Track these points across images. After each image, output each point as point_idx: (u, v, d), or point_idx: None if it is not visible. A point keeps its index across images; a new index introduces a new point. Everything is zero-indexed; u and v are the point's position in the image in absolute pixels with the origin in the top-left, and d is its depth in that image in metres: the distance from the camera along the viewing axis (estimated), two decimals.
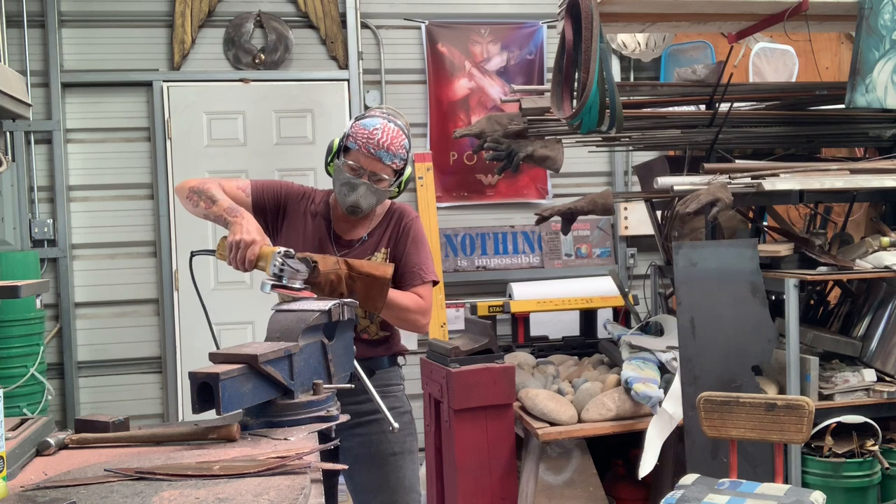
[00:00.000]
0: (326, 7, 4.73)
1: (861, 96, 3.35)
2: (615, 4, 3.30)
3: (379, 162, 2.17)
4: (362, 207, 2.20)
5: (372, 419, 2.23)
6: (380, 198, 2.24)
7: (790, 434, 2.57)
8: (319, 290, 2.05)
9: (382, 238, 2.31)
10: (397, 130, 2.19)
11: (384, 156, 2.17)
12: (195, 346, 4.52)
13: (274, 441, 1.67)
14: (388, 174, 2.19)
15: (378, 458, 2.24)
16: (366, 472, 2.24)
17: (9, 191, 4.29)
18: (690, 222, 3.65)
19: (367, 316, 2.27)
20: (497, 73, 4.97)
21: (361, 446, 2.24)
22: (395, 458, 2.26)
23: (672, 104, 3.84)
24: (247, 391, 1.68)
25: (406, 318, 2.22)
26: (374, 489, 2.25)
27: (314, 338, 1.89)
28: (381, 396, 2.19)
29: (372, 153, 2.16)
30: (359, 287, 2.08)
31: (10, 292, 2.05)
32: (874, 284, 3.45)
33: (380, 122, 2.18)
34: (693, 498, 2.47)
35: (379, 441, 2.25)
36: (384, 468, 2.25)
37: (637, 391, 3.16)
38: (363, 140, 2.16)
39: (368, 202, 2.21)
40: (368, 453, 2.25)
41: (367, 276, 2.09)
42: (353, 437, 2.22)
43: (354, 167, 2.17)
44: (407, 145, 2.23)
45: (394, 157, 2.18)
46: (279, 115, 4.70)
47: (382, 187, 2.21)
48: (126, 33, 4.60)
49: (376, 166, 2.17)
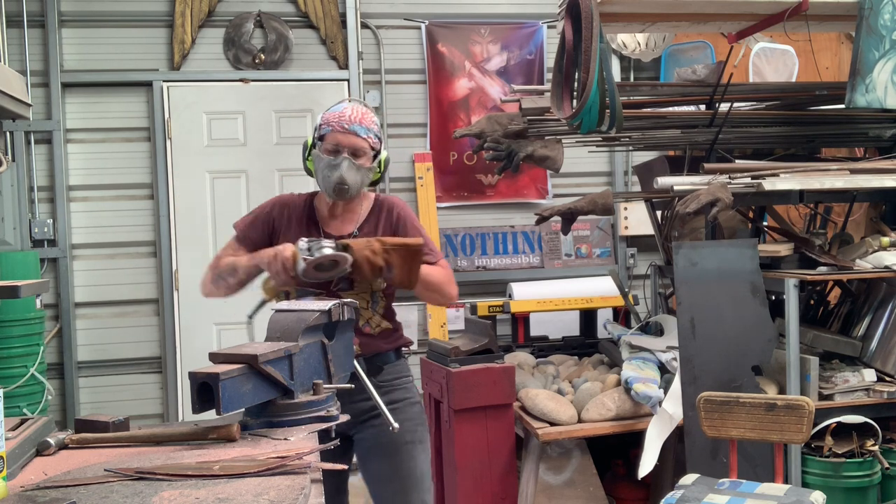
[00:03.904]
0: (326, 7, 4.73)
1: (861, 96, 3.35)
2: (615, 4, 3.30)
3: (355, 136, 2.20)
4: (348, 183, 2.20)
5: (377, 412, 2.23)
6: (364, 177, 2.24)
7: (790, 434, 2.57)
8: (360, 272, 2.08)
9: (376, 231, 2.31)
10: (366, 110, 2.25)
11: (359, 129, 2.20)
12: (195, 346, 4.52)
13: (274, 441, 1.67)
14: (366, 149, 2.22)
15: (390, 448, 2.26)
16: (378, 462, 2.27)
17: (9, 191, 4.29)
18: (690, 222, 3.65)
19: (370, 306, 2.28)
20: (497, 73, 4.97)
21: (374, 437, 2.27)
22: (406, 446, 2.28)
23: (672, 104, 3.84)
24: (247, 391, 1.68)
25: (440, 289, 2.26)
26: (387, 478, 2.27)
27: (314, 338, 1.89)
28: (392, 389, 2.27)
29: (346, 128, 2.20)
30: (395, 259, 2.11)
31: (10, 292, 2.05)
32: (874, 284, 3.45)
33: (346, 104, 2.26)
34: (693, 498, 2.47)
35: (388, 432, 2.24)
36: (396, 457, 2.27)
37: (637, 391, 3.16)
38: (335, 120, 2.21)
39: (353, 178, 2.21)
40: (381, 443, 2.27)
41: (401, 246, 2.12)
42: (366, 429, 2.26)
43: (332, 148, 2.21)
44: (376, 124, 2.27)
45: (368, 130, 2.22)
46: (279, 115, 4.70)
47: (363, 163, 2.22)
48: (126, 33, 4.60)
49: (353, 140, 2.20)
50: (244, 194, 4.65)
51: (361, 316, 2.25)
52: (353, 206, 2.33)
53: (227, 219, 4.60)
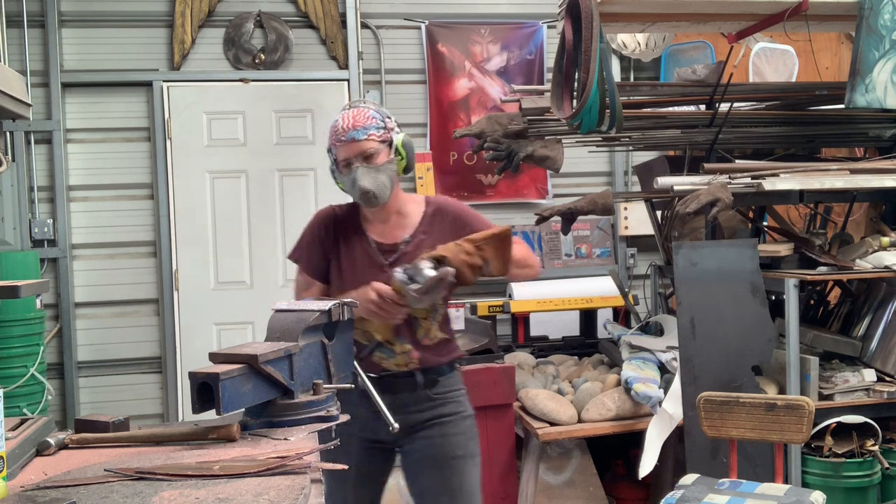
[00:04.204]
0: (326, 7, 4.73)
1: (861, 96, 3.35)
2: (615, 4, 3.30)
3: (355, 142, 2.12)
4: (373, 189, 2.13)
5: (435, 423, 2.21)
6: (386, 175, 2.16)
7: (790, 434, 2.57)
8: (462, 277, 2.03)
9: (431, 234, 2.22)
10: (357, 110, 2.16)
11: (357, 134, 2.12)
12: (195, 346, 4.52)
13: (274, 441, 1.67)
14: (373, 147, 2.13)
15: (441, 461, 2.21)
16: (428, 476, 2.22)
17: (9, 191, 4.29)
18: (690, 222, 3.65)
19: (431, 316, 2.21)
20: (497, 73, 4.97)
21: (425, 449, 2.21)
22: (457, 461, 2.22)
23: (672, 104, 3.84)
24: (247, 391, 1.68)
25: (528, 261, 2.22)
26: (436, 492, 2.22)
27: (314, 338, 1.89)
28: (445, 402, 2.22)
29: (344, 140, 2.13)
30: (489, 253, 2.06)
31: (10, 292, 2.05)
32: (874, 284, 3.45)
33: (338, 115, 2.19)
34: (693, 498, 2.47)
35: (442, 444, 2.21)
36: (446, 471, 2.21)
37: (637, 391, 3.16)
38: (334, 137, 2.17)
39: (374, 182, 2.13)
40: (431, 456, 2.21)
41: (491, 238, 2.07)
42: (416, 441, 2.22)
43: (344, 163, 2.16)
44: (376, 115, 2.16)
45: (365, 130, 2.13)
46: (279, 115, 4.70)
47: (381, 162, 2.14)
48: (126, 33, 4.59)
49: (356, 147, 2.13)
50: (244, 194, 4.65)
51: (421, 327, 2.20)
52: (400, 208, 2.26)
53: (227, 219, 4.63)
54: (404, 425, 2.11)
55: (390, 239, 2.22)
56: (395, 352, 2.15)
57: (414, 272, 1.99)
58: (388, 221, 2.24)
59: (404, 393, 2.17)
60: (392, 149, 2.18)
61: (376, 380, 2.10)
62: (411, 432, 2.20)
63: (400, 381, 2.18)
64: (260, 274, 4.65)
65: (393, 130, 2.18)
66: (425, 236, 2.22)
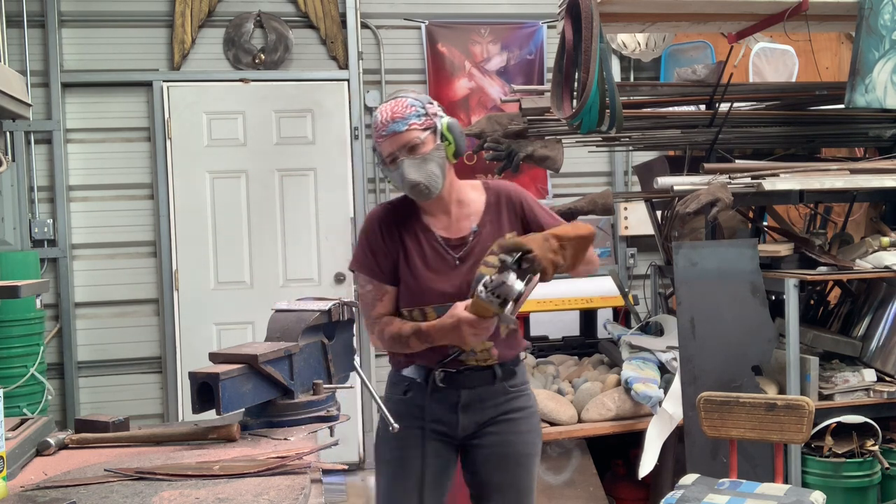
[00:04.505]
0: (326, 7, 4.73)
1: (861, 96, 3.35)
2: (615, 4, 3.30)
3: (396, 135, 2.00)
4: (422, 180, 2.01)
5: (508, 418, 2.13)
6: (435, 164, 2.02)
7: (790, 434, 2.57)
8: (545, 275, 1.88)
9: (496, 223, 2.11)
10: (396, 101, 2.05)
11: (397, 126, 2.00)
12: (195, 346, 4.52)
13: (274, 441, 1.67)
14: (416, 138, 2.00)
15: (511, 459, 2.14)
16: (496, 473, 2.14)
17: (9, 191, 4.29)
18: (690, 222, 3.65)
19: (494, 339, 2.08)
20: (497, 73, 4.97)
21: (496, 446, 2.13)
22: (526, 458, 2.16)
23: (672, 104, 3.84)
24: (247, 391, 1.68)
25: (592, 259, 2.10)
26: (504, 490, 2.15)
27: (314, 338, 1.89)
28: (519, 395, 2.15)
29: (385, 135, 2.02)
30: (570, 252, 1.94)
31: (10, 292, 2.06)
32: (874, 284, 3.45)
33: (377, 110, 2.08)
34: (693, 498, 2.47)
35: (515, 441, 2.14)
36: (517, 469, 2.15)
37: (637, 391, 3.16)
38: (376, 133, 2.06)
39: (424, 173, 2.01)
40: (504, 454, 2.14)
41: (576, 239, 1.95)
42: (486, 436, 2.13)
43: (389, 158, 2.04)
44: (415, 102, 2.04)
45: (405, 121, 2.00)
46: (279, 115, 4.70)
47: (426, 152, 2.01)
48: (126, 33, 4.59)
49: (399, 140, 2.01)
50: (244, 194, 4.65)
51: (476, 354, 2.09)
52: (461, 197, 2.13)
53: (227, 219, 4.63)
54: (477, 420, 2.09)
55: (456, 233, 2.10)
56: (476, 350, 2.07)
57: (501, 289, 1.80)
58: (450, 213, 2.12)
59: (482, 387, 2.10)
60: (438, 135, 2.05)
61: (455, 374, 2.07)
62: (482, 427, 2.12)
63: (478, 375, 2.09)
64: (260, 274, 4.65)
65: (436, 116, 2.07)
66: (491, 226, 2.11)
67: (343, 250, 4.71)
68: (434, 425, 2.09)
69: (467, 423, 2.09)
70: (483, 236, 2.08)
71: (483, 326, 1.89)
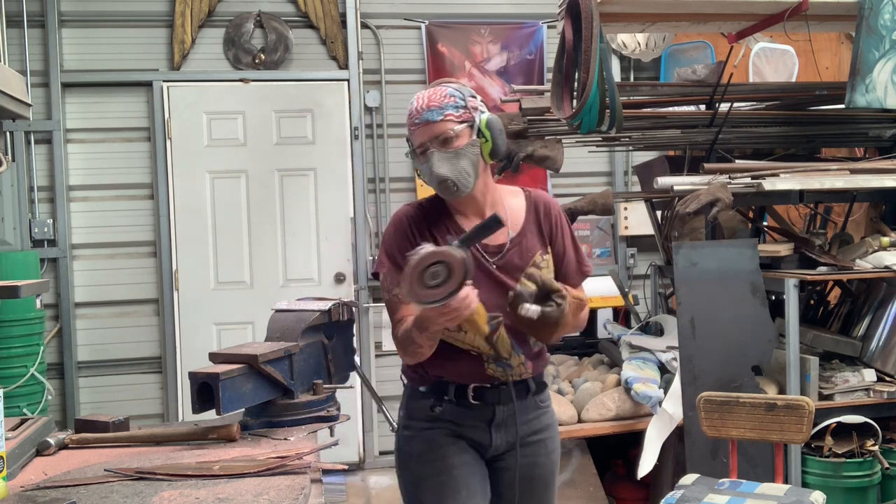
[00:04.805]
0: (326, 7, 4.73)
1: (861, 96, 3.35)
2: (615, 4, 3.30)
3: (430, 124, 1.86)
4: (451, 176, 1.85)
5: (539, 438, 2.02)
6: (468, 160, 1.87)
7: (790, 434, 2.57)
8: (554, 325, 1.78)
9: (536, 233, 1.99)
10: (434, 89, 1.92)
11: (431, 114, 1.86)
12: (195, 346, 4.52)
13: (274, 441, 1.67)
14: (450, 130, 1.85)
15: (539, 483, 2.04)
16: (523, 497, 2.01)
17: (9, 191, 4.29)
18: (690, 222, 3.65)
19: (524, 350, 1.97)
20: (497, 73, 4.97)
21: (522, 468, 2.00)
22: (552, 480, 2.07)
23: (672, 104, 3.85)
24: (247, 391, 1.69)
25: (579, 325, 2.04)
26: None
27: (314, 338, 1.89)
28: (547, 410, 2.05)
29: (418, 123, 1.89)
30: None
31: (10, 292, 2.06)
32: (874, 284, 3.45)
33: (414, 97, 1.96)
34: (693, 498, 2.47)
35: (542, 464, 2.03)
36: (543, 494, 2.05)
37: (637, 391, 3.16)
38: (409, 121, 1.94)
39: (451, 170, 1.85)
40: (529, 476, 2.02)
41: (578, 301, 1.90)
42: (513, 457, 1.97)
43: (420, 149, 1.90)
44: (456, 93, 1.89)
45: (441, 110, 1.86)
46: (279, 115, 4.70)
47: (459, 146, 1.85)
48: (126, 33, 4.59)
49: (432, 130, 1.86)
50: (244, 194, 4.65)
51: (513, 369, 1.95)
52: (497, 200, 1.99)
53: (227, 219, 4.63)
54: (509, 440, 1.96)
55: (492, 239, 1.90)
56: (512, 364, 1.93)
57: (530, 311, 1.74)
58: (484, 215, 1.93)
59: (513, 404, 1.95)
60: (475, 130, 1.89)
61: (489, 390, 1.93)
62: (512, 447, 1.97)
63: (511, 391, 1.95)
64: (260, 274, 4.65)
65: (476, 110, 1.91)
66: (530, 237, 1.98)
67: (343, 250, 4.71)
68: (469, 440, 1.96)
69: (500, 441, 1.97)
70: (522, 246, 1.95)
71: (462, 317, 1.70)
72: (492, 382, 1.93)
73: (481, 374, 1.92)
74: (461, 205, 1.95)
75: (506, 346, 1.88)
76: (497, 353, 1.86)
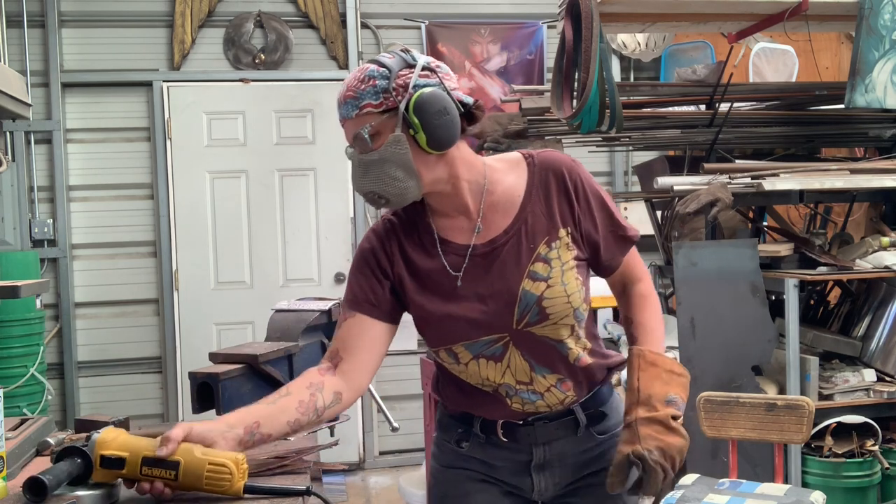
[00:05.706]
0: (326, 7, 4.73)
1: (861, 96, 3.35)
2: (615, 4, 3.30)
3: (346, 123, 1.40)
4: (373, 190, 1.39)
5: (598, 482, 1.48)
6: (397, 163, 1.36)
7: (790, 434, 2.56)
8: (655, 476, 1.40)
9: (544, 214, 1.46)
10: (354, 72, 1.41)
11: (344, 111, 1.39)
12: (195, 346, 4.52)
13: (274, 441, 1.67)
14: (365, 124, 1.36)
15: None
16: None
17: (9, 191, 4.29)
18: (690, 222, 3.65)
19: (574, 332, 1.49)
20: (497, 73, 4.97)
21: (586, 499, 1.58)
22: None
23: (672, 104, 3.85)
24: (247, 391, 1.68)
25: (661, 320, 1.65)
26: None
27: (314, 338, 1.89)
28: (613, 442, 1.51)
29: (340, 121, 1.42)
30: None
31: (10, 292, 2.06)
32: (874, 284, 3.45)
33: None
34: (693, 498, 2.47)
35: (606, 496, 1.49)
36: None
37: None
38: None
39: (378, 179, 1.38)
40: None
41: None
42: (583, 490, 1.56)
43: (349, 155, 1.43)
44: (377, 72, 1.36)
45: (356, 102, 1.36)
46: (279, 115, 4.70)
47: (378, 146, 1.36)
48: (126, 33, 4.59)
49: (347, 129, 1.40)
50: (244, 194, 4.65)
51: (570, 352, 1.48)
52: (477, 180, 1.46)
53: (227, 219, 4.63)
54: (558, 482, 1.55)
55: (483, 236, 1.46)
56: (537, 391, 1.48)
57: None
58: (468, 210, 1.47)
59: (559, 441, 1.52)
60: (399, 119, 1.35)
61: (521, 427, 1.50)
62: (567, 488, 1.56)
63: (553, 426, 1.51)
64: (260, 274, 4.66)
65: (406, 89, 1.35)
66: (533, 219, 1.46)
67: (343, 250, 4.71)
68: (505, 486, 1.57)
69: (545, 485, 1.54)
70: (524, 232, 1.45)
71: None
72: (524, 419, 1.50)
73: (504, 410, 1.50)
74: (436, 203, 1.48)
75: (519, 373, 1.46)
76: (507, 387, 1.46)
